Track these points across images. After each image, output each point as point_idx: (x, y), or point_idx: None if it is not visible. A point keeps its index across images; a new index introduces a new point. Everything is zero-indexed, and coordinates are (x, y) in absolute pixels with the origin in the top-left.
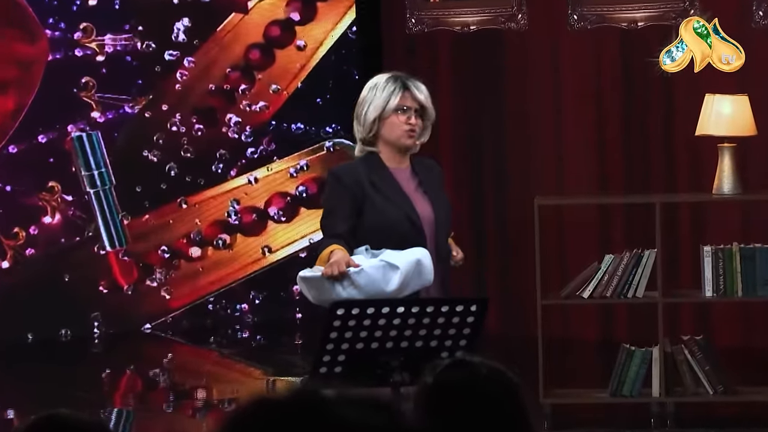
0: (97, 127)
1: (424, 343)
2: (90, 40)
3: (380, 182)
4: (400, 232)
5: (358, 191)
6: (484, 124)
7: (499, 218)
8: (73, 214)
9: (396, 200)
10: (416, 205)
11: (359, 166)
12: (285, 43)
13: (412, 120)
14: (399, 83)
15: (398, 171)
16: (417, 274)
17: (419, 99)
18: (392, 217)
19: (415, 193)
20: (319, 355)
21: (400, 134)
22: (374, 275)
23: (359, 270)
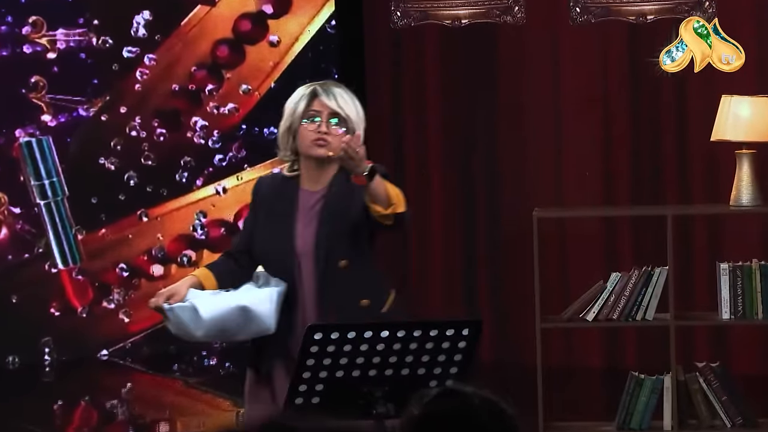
0: (48, 132)
1: (410, 370)
2: (40, 35)
3: (278, 205)
4: (274, 264)
5: (257, 207)
6: (476, 128)
7: (492, 232)
8: (21, 228)
9: (278, 230)
10: (299, 237)
11: (276, 180)
12: (256, 38)
13: (322, 127)
14: (309, 90)
15: (309, 194)
16: (247, 320)
17: (328, 104)
18: (268, 248)
19: (310, 222)
20: (295, 384)
21: (309, 144)
22: (182, 317)
23: (169, 308)
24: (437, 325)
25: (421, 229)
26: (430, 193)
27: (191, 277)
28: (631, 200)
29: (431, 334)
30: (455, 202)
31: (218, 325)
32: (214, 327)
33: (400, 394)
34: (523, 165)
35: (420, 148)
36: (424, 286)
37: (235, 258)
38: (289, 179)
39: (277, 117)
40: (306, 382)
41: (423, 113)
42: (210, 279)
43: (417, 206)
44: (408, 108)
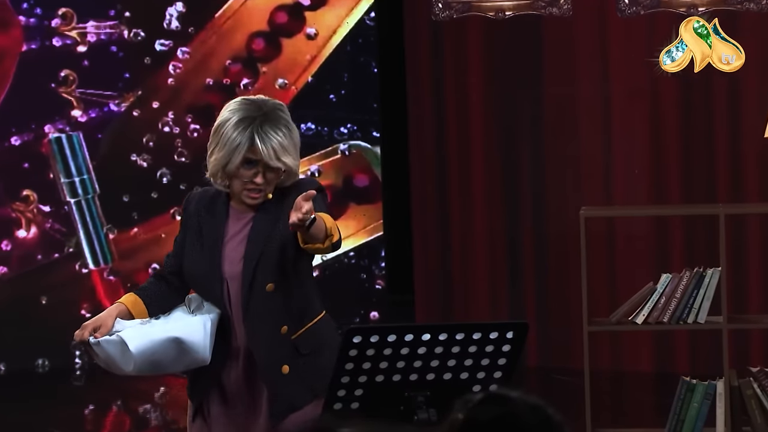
0: (79, 128)
1: (453, 374)
2: (70, 27)
3: (206, 224)
4: (201, 288)
5: (185, 225)
6: (520, 124)
7: (538, 232)
8: (51, 227)
9: (206, 251)
10: (226, 260)
11: (208, 195)
12: (293, 31)
13: (258, 179)
14: (247, 132)
15: (239, 215)
16: (180, 352)
17: (269, 162)
18: (195, 270)
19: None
20: (333, 389)
21: (241, 191)
22: (110, 352)
23: (95, 342)
24: (481, 327)
25: (464, 229)
26: (473, 192)
27: (118, 305)
28: (682, 199)
29: (475, 337)
30: (499, 201)
31: (149, 358)
32: (145, 361)
33: (442, 399)
34: (569, 162)
35: (462, 146)
36: (468, 288)
37: (166, 280)
38: (219, 197)
39: (314, 112)
40: (345, 387)
41: (465, 109)
42: (139, 305)
43: (460, 205)
44: (449, 104)
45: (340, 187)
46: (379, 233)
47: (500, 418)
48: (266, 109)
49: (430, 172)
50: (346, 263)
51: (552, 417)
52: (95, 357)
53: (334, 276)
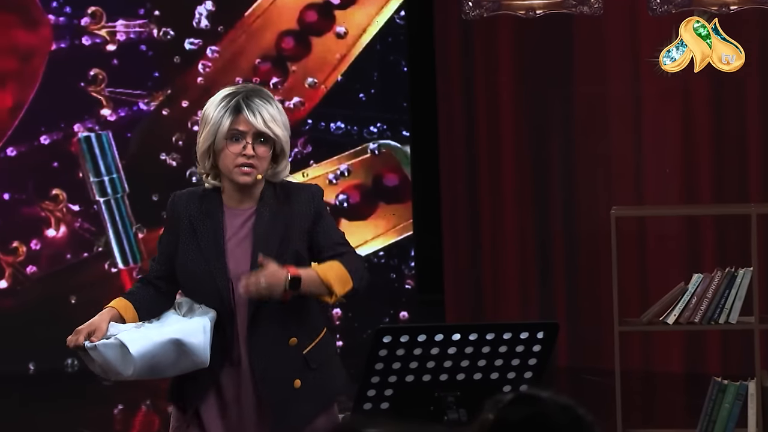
0: (108, 127)
1: (483, 375)
2: (99, 26)
3: (201, 224)
4: (202, 292)
5: (176, 228)
6: (551, 123)
7: (569, 231)
8: (80, 226)
9: (206, 253)
10: (230, 259)
11: (195, 197)
12: (323, 29)
13: (248, 150)
14: (232, 104)
15: (235, 213)
16: (180, 354)
17: (254, 124)
18: (195, 272)
19: (241, 244)
20: (363, 389)
21: (233, 169)
22: (108, 356)
23: (92, 346)
24: (511, 327)
25: (494, 229)
26: (503, 191)
27: (110, 310)
28: (713, 198)
29: (505, 337)
30: (530, 200)
31: (149, 362)
32: (145, 364)
33: (472, 399)
34: (600, 161)
35: (492, 145)
36: (498, 287)
37: (154, 285)
38: (210, 196)
39: (344, 111)
40: (375, 387)
41: (495, 108)
42: (130, 310)
43: (490, 204)
44: (479, 102)
45: (369, 187)
46: (409, 233)
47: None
48: (251, 87)
49: (460, 171)
50: (376, 263)
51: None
52: (89, 363)
53: None
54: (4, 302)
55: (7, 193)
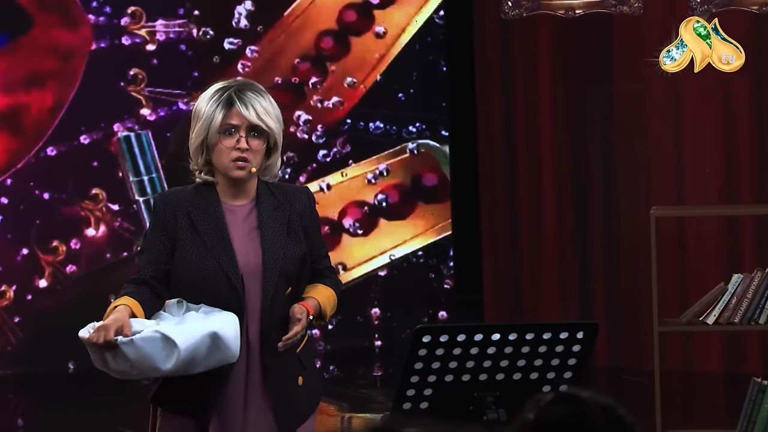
0: (148, 127)
1: (523, 375)
2: (139, 26)
3: (201, 220)
4: (213, 290)
5: (172, 227)
6: (590, 123)
7: (608, 231)
8: (119, 225)
9: (213, 249)
10: (240, 256)
11: (187, 193)
12: (362, 29)
13: (242, 143)
14: (224, 98)
15: (233, 209)
16: (213, 349)
17: (247, 116)
18: (203, 271)
19: (245, 239)
20: (402, 389)
21: (227, 164)
22: (147, 350)
23: (128, 341)
24: (551, 327)
25: (533, 228)
26: (542, 191)
27: (125, 307)
28: (753, 198)
29: (544, 337)
30: (569, 200)
31: (189, 355)
32: (186, 358)
33: (511, 399)
34: (640, 161)
35: (531, 144)
36: (537, 288)
37: (149, 285)
38: (203, 192)
39: (383, 111)
40: (414, 387)
41: (534, 108)
42: (139, 309)
43: (529, 204)
44: (519, 102)
45: (408, 186)
46: (448, 233)
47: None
48: (242, 81)
49: (499, 171)
50: (414, 263)
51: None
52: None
53: (402, 275)
54: (44, 301)
55: (47, 193)
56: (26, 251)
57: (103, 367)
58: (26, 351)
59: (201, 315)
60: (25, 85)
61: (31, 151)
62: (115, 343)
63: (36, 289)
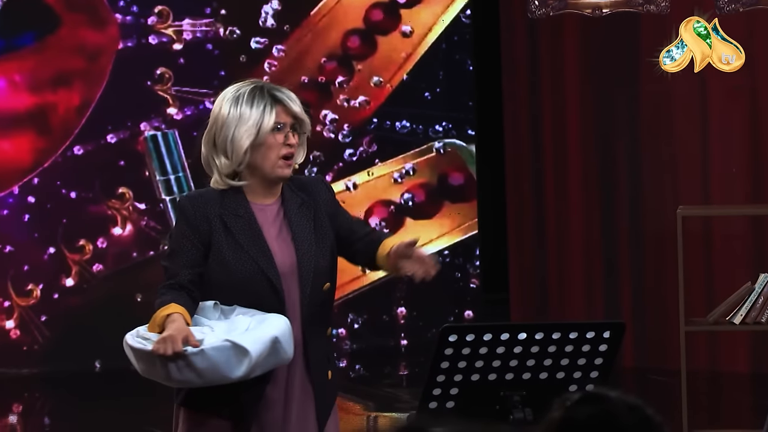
0: (174, 126)
1: (549, 374)
2: (166, 25)
3: (234, 223)
4: (253, 291)
5: (205, 230)
6: (617, 122)
7: (634, 231)
8: (146, 224)
9: (250, 250)
10: (276, 255)
11: (214, 196)
12: (388, 28)
13: (290, 139)
14: (267, 96)
15: (263, 209)
16: (272, 353)
17: (294, 111)
18: (243, 273)
19: (278, 238)
20: (428, 388)
21: (275, 162)
22: (217, 359)
23: (198, 351)
24: (578, 327)
25: (559, 228)
26: (568, 190)
27: (179, 316)
28: None
29: (571, 336)
30: (595, 199)
31: (256, 360)
32: (254, 365)
33: (538, 399)
34: (666, 160)
35: (558, 144)
36: (563, 287)
37: (187, 290)
38: (230, 194)
39: (409, 110)
40: (440, 386)
41: (561, 107)
42: (188, 317)
43: (555, 203)
44: (545, 101)
45: (434, 186)
46: (474, 232)
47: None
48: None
49: (525, 170)
50: (441, 262)
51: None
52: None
53: None
54: (70, 300)
55: (74, 192)
56: (53, 250)
57: (162, 377)
58: (53, 350)
59: (248, 319)
60: (53, 84)
61: (58, 150)
62: (184, 354)
63: (63, 288)
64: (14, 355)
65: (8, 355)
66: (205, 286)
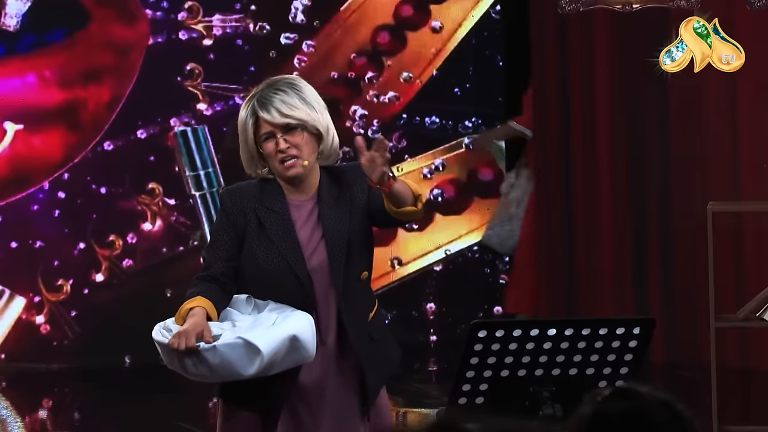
0: (204, 121)
1: (579, 370)
2: (196, 21)
3: (268, 218)
4: (281, 287)
5: (241, 224)
6: (646, 116)
7: (664, 227)
8: (176, 220)
9: (281, 246)
10: (307, 253)
11: (253, 190)
12: (418, 24)
13: (281, 144)
14: (249, 108)
15: (298, 205)
16: (291, 351)
17: (272, 121)
18: (272, 269)
19: (311, 235)
20: (458, 384)
21: (278, 167)
22: (229, 356)
23: (211, 347)
24: (607, 323)
25: (589, 224)
26: (598, 185)
27: (201, 309)
28: None
29: (601, 332)
30: (625, 194)
31: (271, 359)
32: (267, 363)
33: (567, 395)
34: (696, 156)
35: (588, 140)
36: (593, 283)
37: (219, 282)
38: (268, 188)
39: (439, 106)
40: (470, 382)
41: (591, 103)
42: (213, 310)
43: (585, 199)
44: (575, 97)
45: (464, 181)
46: None
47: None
48: (268, 82)
49: (554, 166)
50: (470, 257)
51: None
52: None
53: (457, 270)
54: (100, 296)
55: (104, 187)
56: (83, 245)
57: (180, 370)
58: (83, 345)
59: (274, 315)
60: (83, 80)
61: (88, 146)
62: (196, 350)
63: (93, 284)
64: (44, 350)
65: (38, 350)
66: (240, 280)
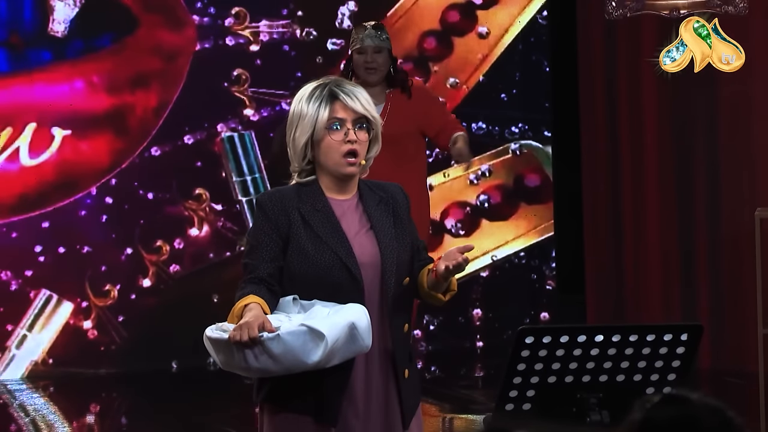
0: (251, 127)
1: (626, 376)
2: (243, 27)
3: (312, 216)
4: (332, 281)
5: (284, 224)
6: (694, 122)
7: (712, 232)
8: (223, 225)
9: (329, 241)
10: (356, 247)
11: (291, 192)
12: (465, 30)
13: (351, 135)
14: (325, 92)
15: (340, 203)
16: (349, 340)
17: (354, 108)
18: (322, 263)
19: (358, 232)
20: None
21: (338, 160)
22: (293, 344)
23: (274, 336)
24: (655, 329)
25: (636, 229)
26: (645, 191)
27: (257, 305)
28: None
29: (648, 338)
30: (672, 200)
31: (332, 346)
32: (331, 350)
33: (615, 401)
34: (745, 162)
35: (635, 145)
36: (640, 288)
37: (267, 283)
38: (306, 190)
39: (485, 111)
40: (517, 388)
41: (638, 108)
42: (266, 307)
43: (632, 204)
44: (622, 103)
45: (510, 187)
46: (550, 233)
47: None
48: (336, 77)
49: (602, 172)
50: (517, 263)
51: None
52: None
53: (504, 276)
54: (147, 301)
55: (151, 193)
56: (130, 251)
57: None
58: (130, 350)
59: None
60: (130, 85)
61: (135, 151)
62: (260, 340)
63: (140, 289)
64: (92, 355)
65: (86, 355)
66: (285, 281)
